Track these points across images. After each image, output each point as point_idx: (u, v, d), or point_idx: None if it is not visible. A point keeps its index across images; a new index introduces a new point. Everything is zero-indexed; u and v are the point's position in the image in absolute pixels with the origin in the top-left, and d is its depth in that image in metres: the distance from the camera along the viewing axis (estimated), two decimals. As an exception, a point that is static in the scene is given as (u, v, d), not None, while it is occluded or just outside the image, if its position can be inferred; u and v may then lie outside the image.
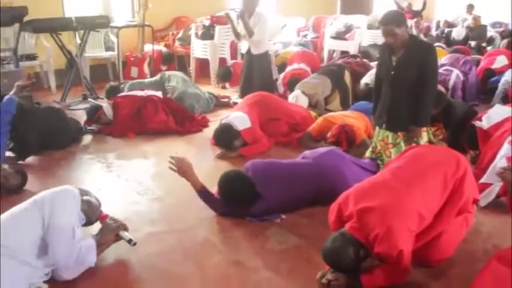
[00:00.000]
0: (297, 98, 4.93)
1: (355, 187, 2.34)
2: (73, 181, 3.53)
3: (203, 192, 2.91)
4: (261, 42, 5.28)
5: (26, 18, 5.35)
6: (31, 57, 6.12)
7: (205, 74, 7.04)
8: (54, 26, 5.52)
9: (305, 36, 8.69)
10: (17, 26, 5.47)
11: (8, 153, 3.74)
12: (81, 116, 4.84)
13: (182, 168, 2.90)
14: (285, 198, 2.87)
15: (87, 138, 4.50)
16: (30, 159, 3.87)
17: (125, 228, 2.49)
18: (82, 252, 2.24)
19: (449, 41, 8.83)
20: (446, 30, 9.47)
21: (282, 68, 6.44)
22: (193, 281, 2.30)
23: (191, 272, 2.36)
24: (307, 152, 3.22)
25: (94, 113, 4.64)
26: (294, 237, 2.70)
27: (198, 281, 2.30)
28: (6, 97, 3.68)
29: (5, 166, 3.36)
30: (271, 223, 2.82)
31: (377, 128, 3.48)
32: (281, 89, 5.94)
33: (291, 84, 5.52)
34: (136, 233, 2.59)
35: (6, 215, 2.25)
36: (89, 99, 5.71)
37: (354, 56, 6.59)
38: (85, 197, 2.47)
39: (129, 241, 2.41)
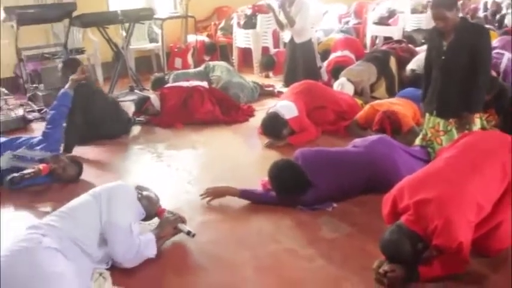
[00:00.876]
0: (342, 86, 4.88)
1: (409, 178, 2.30)
2: (126, 171, 3.66)
3: (244, 194, 2.96)
4: (304, 31, 5.25)
5: (74, 14, 5.51)
6: (79, 51, 6.27)
7: (248, 63, 7.05)
8: (101, 20, 5.64)
9: (347, 22, 8.54)
10: (66, 21, 5.62)
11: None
12: (129, 107, 4.95)
13: (215, 192, 2.97)
14: (336, 186, 2.86)
15: (136, 129, 4.62)
16: (84, 150, 3.99)
17: (183, 221, 2.55)
18: (141, 247, 2.30)
19: (500, 24, 8.48)
20: (498, 16, 9.08)
21: (324, 55, 6.37)
22: (248, 268, 2.33)
23: (246, 260, 2.40)
24: (357, 140, 3.19)
25: (142, 104, 4.75)
26: (346, 225, 2.69)
27: (252, 268, 2.33)
28: (62, 91, 3.80)
29: (63, 157, 3.50)
30: (322, 212, 2.83)
31: (427, 115, 3.41)
32: (325, 77, 5.89)
33: (335, 72, 5.46)
34: (190, 222, 2.64)
35: (67, 206, 2.34)
36: (136, 91, 5.83)
37: (399, 42, 6.44)
38: (145, 193, 2.56)
39: (188, 233, 2.47)
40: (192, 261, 2.42)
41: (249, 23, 6.82)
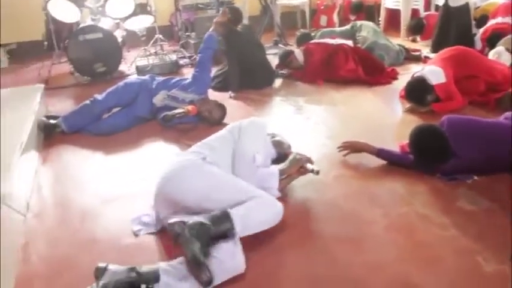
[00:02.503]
0: (499, 55, 4.51)
1: None
2: (266, 120, 3.84)
3: (382, 153, 2.94)
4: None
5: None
6: (229, 3, 6.55)
7: (395, 25, 6.80)
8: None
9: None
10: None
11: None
12: (273, 61, 5.13)
13: (352, 146, 2.98)
14: (481, 158, 2.71)
15: (278, 82, 4.78)
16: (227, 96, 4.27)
17: (310, 161, 2.62)
18: (264, 176, 2.44)
19: None
20: None
21: (480, 22, 5.86)
22: (378, 225, 2.35)
23: (377, 217, 2.42)
24: (509, 114, 2.98)
25: (286, 57, 4.89)
26: (485, 200, 2.56)
27: (382, 226, 2.35)
28: (207, 34, 4.03)
29: (209, 101, 3.79)
30: (461, 183, 2.72)
31: None
32: (479, 45, 5.46)
33: (491, 40, 5.03)
34: (324, 175, 2.71)
35: (206, 139, 2.59)
36: (280, 45, 5.98)
37: None
38: (277, 138, 2.73)
39: (312, 170, 2.53)
40: (321, 212, 2.50)
41: (401, -18, 6.53)
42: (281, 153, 2.71)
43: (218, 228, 1.98)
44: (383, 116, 3.84)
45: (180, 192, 2.20)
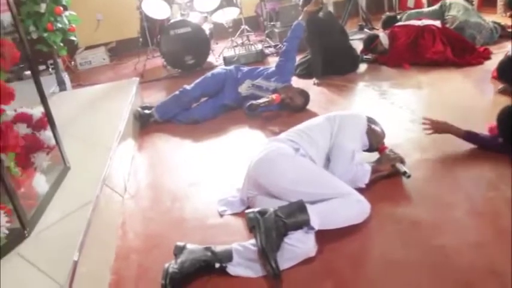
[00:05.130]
0: None
1: None
2: (350, 106, 3.85)
3: (469, 136, 2.80)
4: None
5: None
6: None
7: (491, 1, 6.37)
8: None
9: None
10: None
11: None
12: (358, 46, 5.07)
13: (438, 126, 2.84)
14: None
15: (363, 67, 4.74)
16: (310, 83, 4.30)
17: (402, 161, 2.60)
18: (358, 174, 2.45)
19: None
20: None
21: None
22: (460, 210, 2.28)
23: (459, 202, 2.34)
24: None
25: (371, 42, 4.83)
26: None
27: (465, 211, 2.27)
28: (295, 22, 4.08)
29: (292, 88, 3.86)
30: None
31: None
32: None
33: None
34: (407, 159, 2.68)
35: (305, 125, 2.63)
36: (365, 30, 5.89)
37: None
38: (373, 126, 2.68)
39: (404, 173, 2.51)
40: (401, 195, 2.48)
41: (498, -45, 6.10)
42: (373, 145, 2.69)
43: (294, 220, 2.02)
44: (473, 98, 3.67)
45: (270, 179, 2.28)
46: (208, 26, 6.08)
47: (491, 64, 4.14)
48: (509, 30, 5.11)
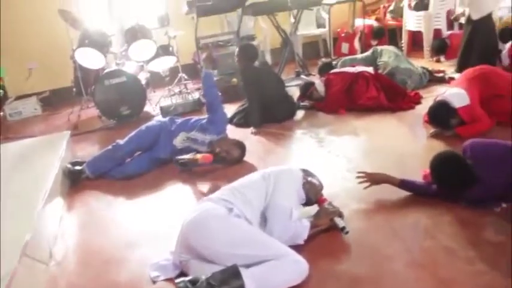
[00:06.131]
0: (527, 72, 4.36)
1: None
2: (287, 155, 3.84)
3: (404, 184, 2.84)
4: (480, 2, 4.85)
5: (247, 3, 5.83)
6: (250, 38, 6.63)
7: (418, 47, 6.72)
8: (271, 8, 5.92)
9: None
10: (239, 10, 5.99)
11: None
12: (295, 92, 5.13)
13: (374, 178, 2.87)
14: (509, 184, 2.59)
15: (300, 114, 4.77)
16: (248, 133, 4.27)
17: (340, 216, 2.56)
18: (297, 230, 2.39)
19: None
20: None
21: (503, 35, 5.53)
22: (399, 262, 2.26)
23: (398, 253, 2.33)
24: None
25: (307, 89, 4.89)
26: (514, 229, 2.44)
27: (404, 262, 2.25)
28: (202, 74, 3.96)
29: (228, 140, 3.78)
30: (487, 211, 2.59)
31: None
32: (506, 61, 5.31)
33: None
34: (344, 209, 2.66)
35: (239, 183, 2.54)
36: (302, 76, 5.99)
37: None
38: (309, 178, 2.64)
39: (342, 229, 2.47)
40: (340, 249, 2.43)
41: (421, 4, 6.47)
42: (311, 198, 2.64)
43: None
44: (407, 143, 3.75)
45: (201, 241, 2.17)
46: (145, 75, 5.98)
47: (423, 108, 4.28)
48: (437, 74, 5.34)
